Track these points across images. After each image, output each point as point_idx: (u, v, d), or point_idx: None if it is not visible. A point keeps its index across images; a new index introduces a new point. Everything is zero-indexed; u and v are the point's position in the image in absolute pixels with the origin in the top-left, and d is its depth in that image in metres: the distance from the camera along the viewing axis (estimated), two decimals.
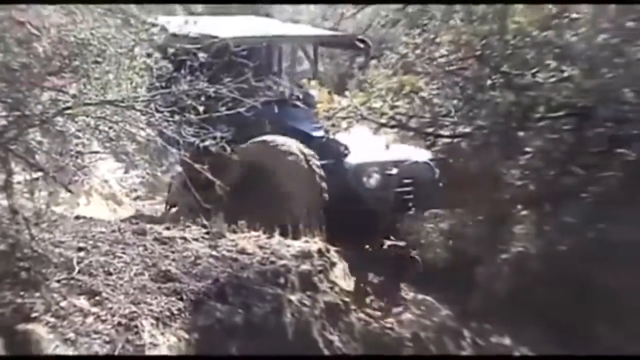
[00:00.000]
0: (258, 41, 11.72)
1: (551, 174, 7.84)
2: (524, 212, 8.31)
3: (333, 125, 8.16)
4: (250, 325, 7.10)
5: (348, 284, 8.56)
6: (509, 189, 8.08)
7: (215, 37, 9.33)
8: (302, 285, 7.92)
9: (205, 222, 8.56)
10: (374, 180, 9.73)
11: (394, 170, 9.71)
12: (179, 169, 8.08)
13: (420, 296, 9.11)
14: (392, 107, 7.90)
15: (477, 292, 8.81)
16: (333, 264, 8.52)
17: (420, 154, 9.74)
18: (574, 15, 7.30)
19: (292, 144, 9.73)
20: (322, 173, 9.56)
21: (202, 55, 6.78)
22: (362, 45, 10.85)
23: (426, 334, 8.59)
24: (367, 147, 9.54)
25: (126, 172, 8.90)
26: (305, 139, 9.70)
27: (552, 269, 8.06)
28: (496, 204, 8.33)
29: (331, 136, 9.04)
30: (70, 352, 5.89)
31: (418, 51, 7.78)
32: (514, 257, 8.25)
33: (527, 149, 7.87)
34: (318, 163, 9.59)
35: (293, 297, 7.69)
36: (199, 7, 17.90)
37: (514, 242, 8.27)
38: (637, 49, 6.66)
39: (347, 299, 8.33)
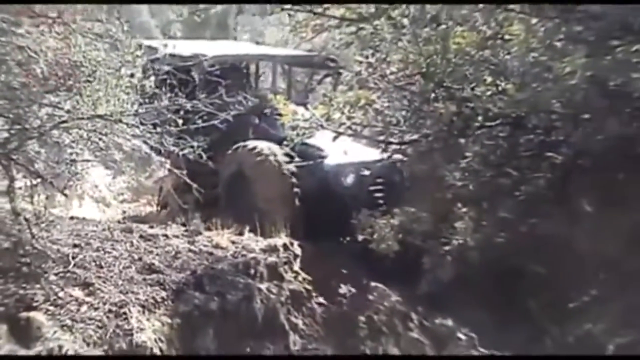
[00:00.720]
0: (243, 59, 11.99)
1: (488, 175, 7.77)
2: (464, 210, 8.36)
3: (297, 135, 8.31)
4: (224, 311, 7.25)
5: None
6: (451, 189, 8.11)
7: (205, 55, 9.58)
8: (269, 275, 8.11)
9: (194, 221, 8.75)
10: (350, 179, 9.95)
11: (367, 172, 10.00)
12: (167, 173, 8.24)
13: (373, 283, 9.28)
14: (349, 118, 8.00)
15: (423, 279, 9.00)
16: (296, 256, 8.71)
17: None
18: (507, 37, 7.38)
19: (264, 147, 9.87)
20: (294, 171, 9.69)
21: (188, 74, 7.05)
22: (332, 64, 11.26)
23: (379, 317, 8.78)
24: (343, 150, 9.66)
25: (114, 177, 8.98)
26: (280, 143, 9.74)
27: (489, 259, 8.23)
28: (440, 203, 8.44)
29: (310, 141, 9.23)
30: (67, 336, 5.96)
31: (371, 69, 7.85)
32: (455, 249, 8.32)
33: (467, 154, 7.81)
34: (288, 161, 9.72)
35: (262, 286, 7.87)
36: (178, 32, 17.94)
37: (455, 235, 8.37)
38: (563, 65, 6.73)
39: (309, 287, 8.58)
